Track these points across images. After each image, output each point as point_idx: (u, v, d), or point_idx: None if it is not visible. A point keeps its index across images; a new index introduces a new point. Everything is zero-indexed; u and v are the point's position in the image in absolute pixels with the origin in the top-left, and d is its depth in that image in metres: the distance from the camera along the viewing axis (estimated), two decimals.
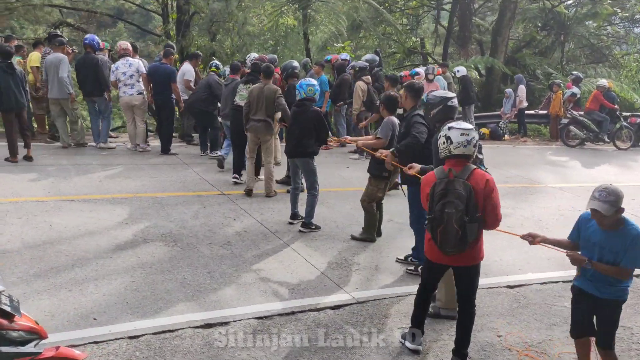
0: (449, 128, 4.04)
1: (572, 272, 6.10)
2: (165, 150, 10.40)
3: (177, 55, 12.82)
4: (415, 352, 4.36)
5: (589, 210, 3.75)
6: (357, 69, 11.50)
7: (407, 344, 4.41)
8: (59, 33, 12.72)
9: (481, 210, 3.96)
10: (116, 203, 7.34)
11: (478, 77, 20.67)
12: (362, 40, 21.13)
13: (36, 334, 2.97)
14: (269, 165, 8.30)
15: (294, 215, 7.16)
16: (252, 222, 7.03)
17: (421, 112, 5.63)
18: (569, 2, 22.51)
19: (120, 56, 10.27)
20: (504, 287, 5.77)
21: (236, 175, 8.78)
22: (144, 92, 10.27)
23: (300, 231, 6.86)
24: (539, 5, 21.06)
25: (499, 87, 18.94)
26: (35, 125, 11.36)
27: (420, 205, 4.69)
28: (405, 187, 5.85)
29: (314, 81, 7.28)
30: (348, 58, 13.17)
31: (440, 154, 4.13)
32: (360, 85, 11.09)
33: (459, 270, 4.19)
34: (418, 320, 4.43)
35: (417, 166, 5.05)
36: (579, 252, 3.97)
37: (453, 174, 3.96)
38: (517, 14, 19.92)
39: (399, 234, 7.02)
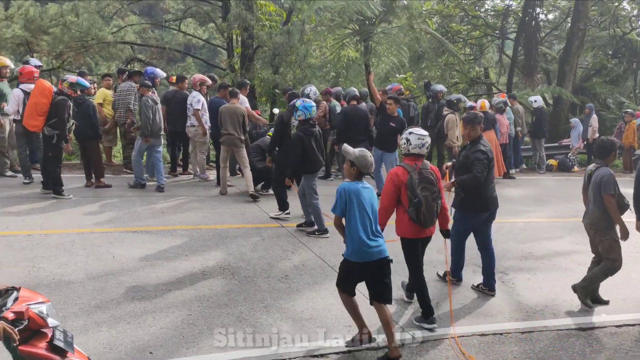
0: (410, 132, 5.28)
1: None
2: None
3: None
4: (433, 330, 5.16)
5: None
6: (454, 101, 11.57)
7: (425, 325, 5.21)
8: (127, 68, 13.26)
9: None
10: (177, 235, 7.44)
11: (545, 107, 20.09)
12: (424, 70, 21.00)
13: None
14: (247, 169, 9.74)
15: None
16: (311, 256, 6.96)
17: (483, 146, 5.87)
18: None
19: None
20: (575, 329, 5.43)
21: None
22: (196, 125, 10.57)
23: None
24: (609, 32, 20.38)
25: (567, 117, 18.33)
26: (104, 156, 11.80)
27: (463, 229, 6.08)
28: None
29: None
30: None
31: (401, 150, 5.37)
32: (453, 119, 11.24)
33: (427, 239, 5.38)
34: (427, 300, 5.30)
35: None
36: None
37: (419, 166, 5.18)
38: (585, 42, 19.32)
39: (462, 270, 6.77)
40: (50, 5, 19.86)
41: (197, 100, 10.50)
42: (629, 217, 5.83)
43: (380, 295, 4.62)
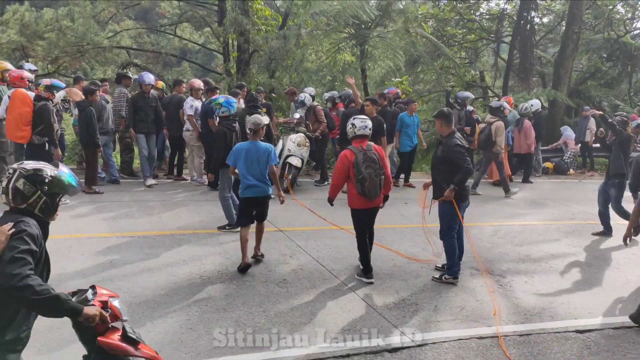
0: (354, 118, 6.36)
1: None
2: (214, 185, 10.51)
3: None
4: (371, 283, 6.26)
5: None
6: (500, 107, 11.88)
7: (364, 280, 6.33)
8: (127, 73, 13.25)
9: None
10: (174, 239, 7.44)
11: (542, 110, 20.15)
12: (420, 74, 21.06)
13: None
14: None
15: None
16: (309, 260, 6.96)
17: (459, 140, 6.39)
18: (635, 32, 21.81)
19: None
20: (573, 331, 5.43)
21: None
22: (191, 129, 10.67)
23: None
24: (604, 35, 20.48)
25: (562, 120, 18.38)
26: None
27: (450, 220, 6.41)
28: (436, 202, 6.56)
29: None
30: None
31: (348, 135, 6.36)
32: (501, 125, 11.62)
33: (373, 210, 6.47)
34: (367, 259, 6.42)
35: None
36: None
37: (363, 148, 6.20)
38: (580, 45, 19.39)
39: (459, 273, 6.79)
40: (45, 10, 19.82)
41: (190, 106, 10.50)
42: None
43: (261, 217, 6.75)
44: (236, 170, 6.60)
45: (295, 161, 10.62)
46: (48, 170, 2.98)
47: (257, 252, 6.85)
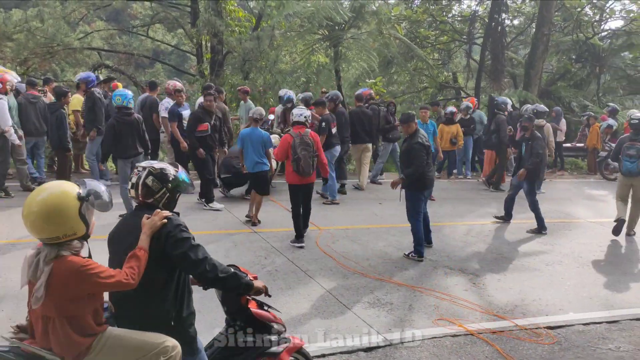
0: (295, 109, 7.94)
1: (616, 312, 5.90)
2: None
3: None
4: (302, 247, 7.49)
5: None
6: (540, 111, 11.90)
7: (296, 244, 7.53)
8: (98, 75, 13.10)
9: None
10: None
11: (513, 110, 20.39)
12: (394, 75, 21.18)
13: (284, 327, 3.66)
14: None
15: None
16: (284, 261, 6.96)
17: (420, 138, 7.27)
18: (603, 34, 22.23)
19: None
20: (544, 328, 5.53)
21: None
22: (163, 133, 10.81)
23: None
24: (573, 37, 20.85)
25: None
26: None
27: (416, 204, 7.33)
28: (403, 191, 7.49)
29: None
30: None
31: (292, 122, 7.84)
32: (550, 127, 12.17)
33: (307, 186, 7.70)
34: (300, 229, 7.64)
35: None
36: None
37: (301, 134, 7.50)
38: (550, 47, 19.70)
39: (433, 272, 6.87)
40: (14, 11, 19.54)
41: (165, 108, 10.40)
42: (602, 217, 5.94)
43: (260, 189, 8.42)
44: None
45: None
46: (171, 169, 3.30)
47: (254, 219, 8.49)
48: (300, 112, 7.66)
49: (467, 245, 8.19)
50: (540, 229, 8.96)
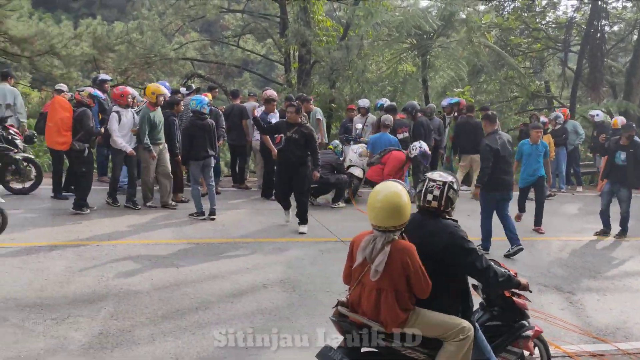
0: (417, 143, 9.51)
1: None
2: (267, 195, 10.60)
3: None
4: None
5: None
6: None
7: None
8: (190, 84, 13.60)
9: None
10: (238, 247, 7.54)
11: (607, 120, 19.39)
12: (483, 84, 20.68)
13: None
14: None
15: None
16: None
17: (492, 139, 7.59)
18: None
19: None
20: None
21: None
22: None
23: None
24: None
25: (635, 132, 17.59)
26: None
27: (484, 204, 7.85)
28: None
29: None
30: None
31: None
32: None
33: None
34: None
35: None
36: None
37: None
38: None
39: None
40: (116, 23, 20.64)
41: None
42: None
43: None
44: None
45: (357, 172, 10.62)
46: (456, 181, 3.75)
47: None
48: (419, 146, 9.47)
49: (562, 262, 7.82)
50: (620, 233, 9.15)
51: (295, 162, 8.31)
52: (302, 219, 8.47)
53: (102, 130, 9.17)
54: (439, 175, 3.70)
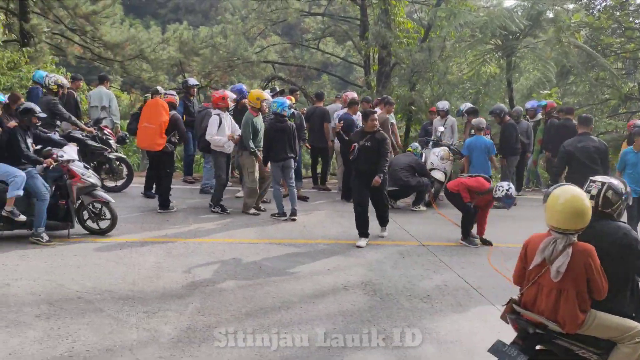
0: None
1: None
2: (347, 197, 10.50)
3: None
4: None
5: None
6: None
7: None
8: (274, 86, 13.81)
9: None
10: (319, 248, 7.58)
11: None
12: (572, 86, 19.83)
13: None
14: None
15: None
16: (453, 277, 6.76)
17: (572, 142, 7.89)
18: None
19: None
20: None
21: None
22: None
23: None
24: None
25: None
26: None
27: None
28: None
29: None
30: None
31: None
32: None
33: None
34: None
35: None
36: None
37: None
38: None
39: None
40: (201, 28, 21.37)
41: (337, 115, 10.66)
42: None
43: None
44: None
45: (438, 175, 10.44)
46: (623, 186, 3.85)
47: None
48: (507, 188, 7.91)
49: None
50: None
51: (371, 172, 7.63)
52: (383, 221, 8.31)
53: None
54: (602, 177, 3.90)
